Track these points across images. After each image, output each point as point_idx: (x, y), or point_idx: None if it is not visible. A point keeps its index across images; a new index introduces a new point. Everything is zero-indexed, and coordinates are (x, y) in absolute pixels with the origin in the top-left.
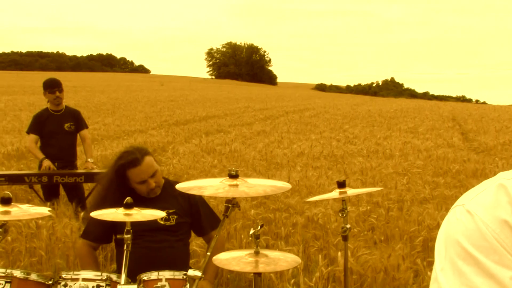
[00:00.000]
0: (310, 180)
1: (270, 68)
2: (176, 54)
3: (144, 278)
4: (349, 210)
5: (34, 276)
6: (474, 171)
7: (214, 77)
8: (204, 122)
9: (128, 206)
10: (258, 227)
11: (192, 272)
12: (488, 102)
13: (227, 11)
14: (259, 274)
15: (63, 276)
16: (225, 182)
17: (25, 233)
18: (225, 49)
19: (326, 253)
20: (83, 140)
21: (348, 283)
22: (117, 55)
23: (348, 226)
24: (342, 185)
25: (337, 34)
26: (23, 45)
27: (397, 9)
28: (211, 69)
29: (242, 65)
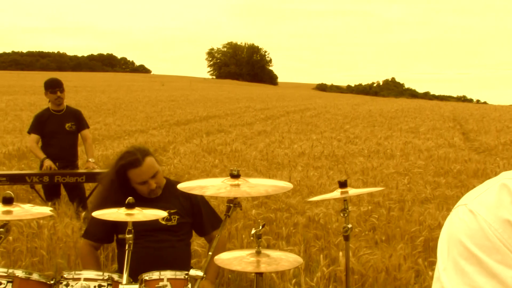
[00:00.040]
0: (311, 180)
1: (271, 68)
2: (176, 54)
3: (145, 278)
4: (350, 210)
5: (35, 276)
6: (475, 171)
7: (214, 77)
8: (205, 122)
9: (129, 206)
10: (260, 227)
11: (194, 272)
12: (489, 102)
13: (227, 11)
14: (261, 274)
15: (65, 275)
16: (226, 182)
17: (26, 233)
18: (226, 49)
19: (327, 253)
20: (84, 140)
21: (349, 283)
22: (117, 55)
23: (349, 226)
24: (343, 185)
25: (337, 34)
26: (24, 45)
27: (397, 9)
28: (212, 69)
29: (243, 65)
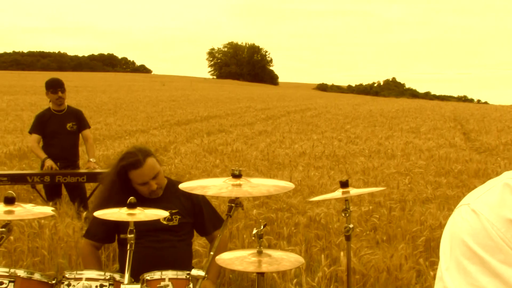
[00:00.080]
0: (312, 180)
1: (271, 68)
2: (177, 54)
3: (147, 277)
4: (351, 210)
5: (37, 275)
6: (476, 171)
7: (215, 77)
8: (205, 122)
9: (131, 205)
10: (261, 227)
11: (195, 271)
12: (489, 102)
13: (228, 11)
14: (262, 274)
15: (67, 275)
16: (228, 181)
17: (27, 232)
18: (226, 49)
19: (328, 253)
20: (85, 140)
21: (351, 283)
22: (118, 55)
23: (351, 226)
24: (345, 184)
25: (338, 34)
26: (25, 45)
27: (397, 9)
28: (213, 69)
29: (243, 65)
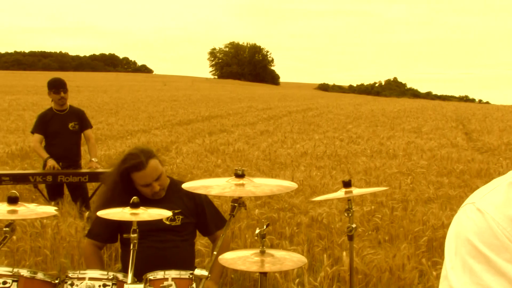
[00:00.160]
0: (314, 179)
1: (272, 68)
2: (178, 54)
3: (150, 277)
4: (353, 210)
5: (40, 275)
6: (479, 171)
7: (216, 77)
8: (207, 122)
9: (134, 205)
10: (264, 227)
11: (199, 271)
12: (491, 102)
13: (229, 11)
14: (265, 273)
15: (70, 275)
16: (231, 181)
17: (30, 232)
18: (227, 49)
19: (330, 252)
20: (87, 139)
21: (353, 283)
22: (119, 55)
23: (353, 225)
24: (347, 184)
25: (338, 34)
26: (26, 45)
27: (397, 9)
28: (214, 69)
29: (244, 65)
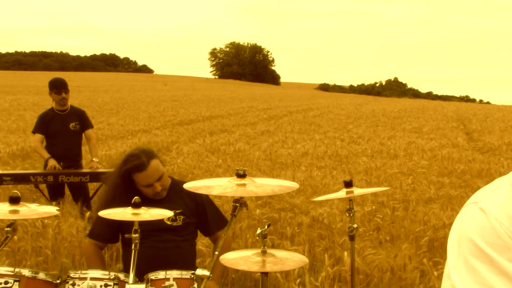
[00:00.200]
0: (315, 180)
1: (273, 68)
2: (179, 54)
3: (151, 277)
4: (355, 210)
5: (42, 275)
6: (479, 171)
7: (217, 77)
8: (208, 122)
9: (136, 205)
10: (265, 227)
11: (200, 271)
12: (492, 102)
13: (229, 11)
14: (266, 273)
15: (71, 275)
16: (232, 181)
17: (31, 232)
18: (228, 49)
19: (331, 252)
20: (88, 139)
21: (354, 283)
22: (120, 55)
23: (355, 225)
24: (349, 184)
25: (339, 34)
26: (27, 45)
27: (397, 9)
28: (215, 69)
29: (245, 65)
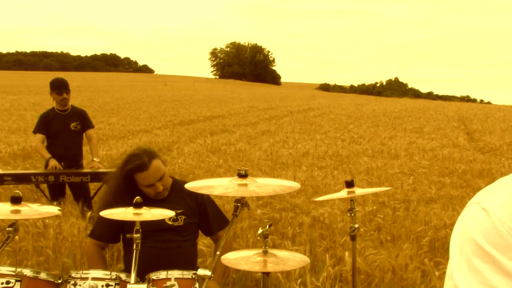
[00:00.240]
0: (316, 180)
1: (274, 68)
2: (179, 54)
3: (153, 277)
4: (356, 210)
5: (43, 275)
6: (480, 171)
7: (218, 77)
8: (208, 122)
9: (137, 205)
10: (267, 227)
11: (202, 271)
12: (492, 102)
13: (229, 11)
14: (268, 273)
15: (73, 275)
16: (234, 181)
17: (32, 232)
18: (229, 49)
19: (332, 252)
20: (89, 139)
21: (356, 283)
22: (121, 55)
23: (356, 225)
24: (350, 184)
25: (339, 34)
26: (28, 45)
27: (397, 9)
28: (215, 69)
29: (246, 65)
